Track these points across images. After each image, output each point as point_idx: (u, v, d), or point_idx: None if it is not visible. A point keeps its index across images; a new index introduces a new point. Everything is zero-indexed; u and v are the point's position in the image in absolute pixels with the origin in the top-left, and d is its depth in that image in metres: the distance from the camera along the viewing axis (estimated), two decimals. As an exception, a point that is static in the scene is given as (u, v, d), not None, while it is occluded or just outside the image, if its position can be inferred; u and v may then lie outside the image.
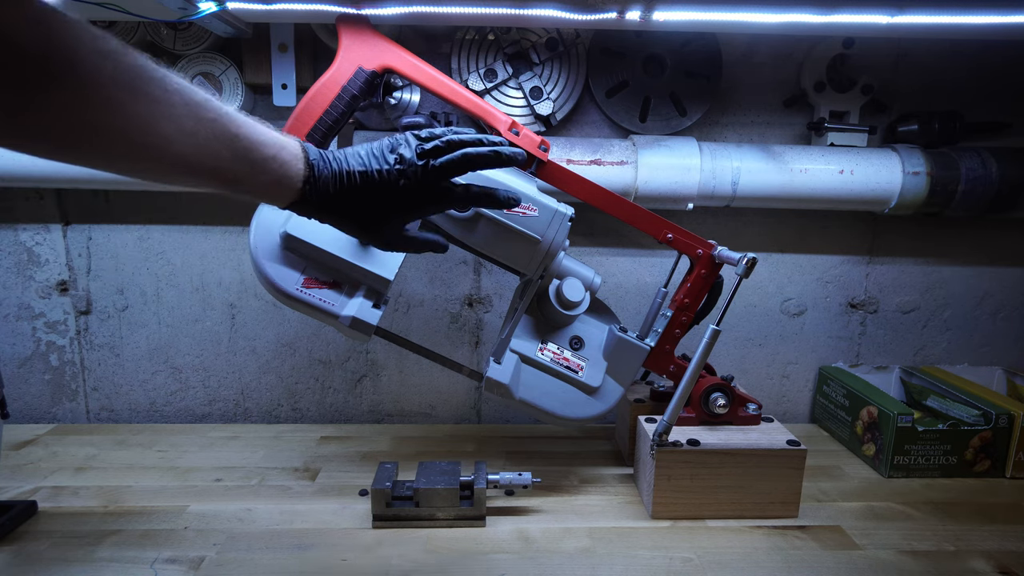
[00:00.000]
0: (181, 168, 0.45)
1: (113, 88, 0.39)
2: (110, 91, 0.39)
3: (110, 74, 0.39)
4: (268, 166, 0.50)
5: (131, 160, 0.44)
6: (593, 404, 0.78)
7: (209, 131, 0.46)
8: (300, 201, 0.54)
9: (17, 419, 1.02)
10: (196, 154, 0.45)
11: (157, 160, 0.44)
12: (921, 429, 0.86)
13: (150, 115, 0.42)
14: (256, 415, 1.06)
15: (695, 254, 0.79)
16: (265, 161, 0.50)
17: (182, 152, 0.44)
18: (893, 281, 1.06)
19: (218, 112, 0.46)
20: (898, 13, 0.74)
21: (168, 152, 0.44)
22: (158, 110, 0.42)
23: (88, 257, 0.99)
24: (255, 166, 0.49)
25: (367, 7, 0.75)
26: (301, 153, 0.53)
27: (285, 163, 0.51)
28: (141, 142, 0.42)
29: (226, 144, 0.47)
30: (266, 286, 0.69)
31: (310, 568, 0.65)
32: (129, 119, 0.41)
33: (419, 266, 1.02)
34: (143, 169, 0.46)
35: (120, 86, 0.40)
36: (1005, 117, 0.98)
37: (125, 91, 0.40)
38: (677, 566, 0.67)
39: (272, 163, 0.50)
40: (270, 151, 0.50)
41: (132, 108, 0.41)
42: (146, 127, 0.42)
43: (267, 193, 0.52)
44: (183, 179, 0.47)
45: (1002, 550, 0.71)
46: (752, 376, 1.08)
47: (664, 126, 0.96)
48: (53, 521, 0.73)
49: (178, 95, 0.43)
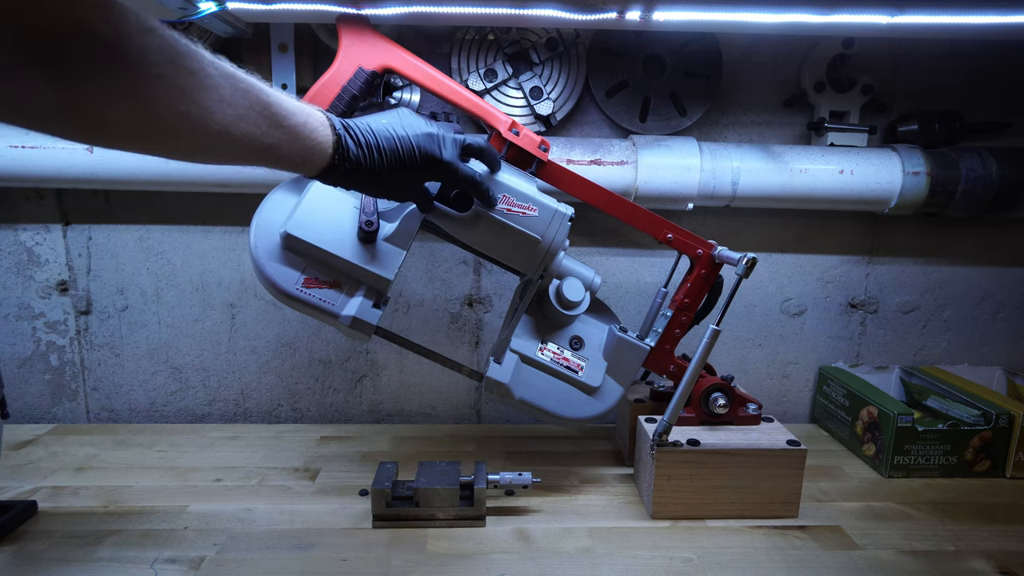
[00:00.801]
0: (223, 140, 0.46)
1: (160, 62, 0.40)
2: (159, 67, 0.40)
3: (156, 48, 0.40)
4: (300, 132, 0.51)
5: (178, 135, 0.44)
6: (593, 404, 0.78)
7: (245, 101, 0.46)
8: (329, 168, 0.55)
9: (17, 419, 1.02)
10: (236, 124, 0.46)
11: (200, 133, 0.44)
12: (921, 429, 0.86)
13: (191, 87, 0.42)
14: (256, 415, 1.06)
15: (695, 254, 0.79)
16: (297, 128, 0.50)
17: (223, 123, 0.45)
18: (893, 281, 1.06)
19: (249, 82, 0.47)
20: (898, 13, 0.74)
21: (210, 124, 0.44)
22: (197, 81, 0.43)
23: (88, 257, 0.99)
24: (289, 133, 0.50)
25: (367, 7, 0.75)
26: (327, 120, 0.54)
27: (315, 130, 0.52)
28: (186, 113, 0.42)
29: (261, 112, 0.47)
30: (266, 286, 0.69)
31: (310, 568, 0.65)
32: (175, 92, 0.41)
33: (419, 266, 1.02)
34: (186, 146, 0.46)
35: (165, 60, 0.40)
36: (1005, 117, 0.98)
37: (168, 65, 0.41)
38: (677, 566, 0.67)
39: (303, 129, 0.51)
40: (300, 118, 0.51)
41: (175, 80, 0.41)
42: (189, 99, 0.42)
43: (300, 162, 0.53)
44: (224, 153, 0.47)
45: (1002, 550, 0.71)
46: (752, 376, 1.08)
47: (664, 126, 0.96)
48: (53, 521, 0.73)
49: (213, 67, 0.44)
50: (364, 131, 0.56)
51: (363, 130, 0.56)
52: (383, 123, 0.58)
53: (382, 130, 0.57)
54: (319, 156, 0.53)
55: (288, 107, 0.50)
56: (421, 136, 0.58)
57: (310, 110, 0.52)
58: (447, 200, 0.70)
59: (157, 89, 0.40)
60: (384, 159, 0.56)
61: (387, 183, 0.59)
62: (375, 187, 0.59)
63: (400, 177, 0.59)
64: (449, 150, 0.60)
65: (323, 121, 0.53)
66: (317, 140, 0.52)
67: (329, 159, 0.54)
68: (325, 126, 0.53)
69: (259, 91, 0.48)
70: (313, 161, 0.53)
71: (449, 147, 0.61)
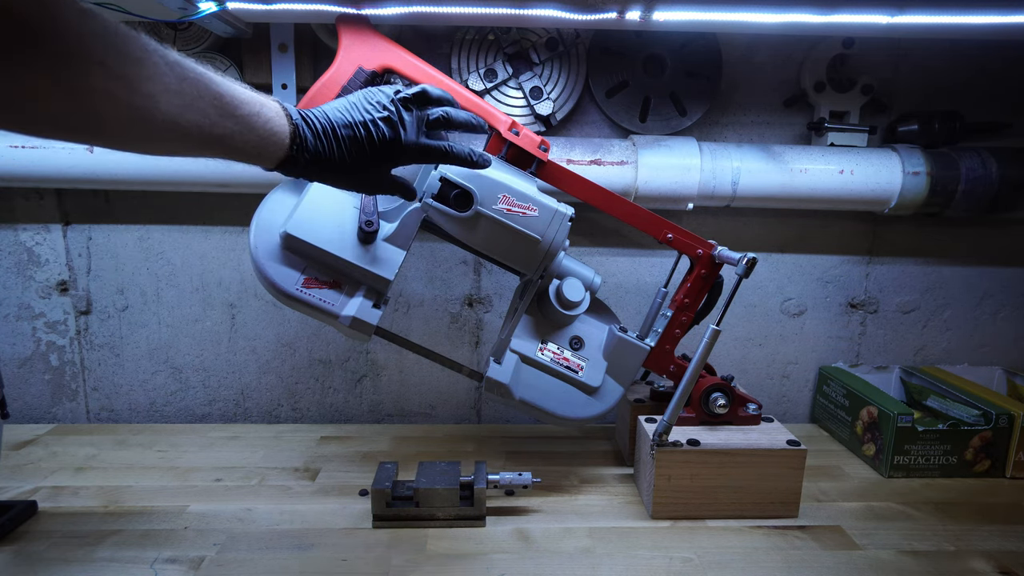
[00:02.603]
0: (172, 130, 0.44)
1: (102, 49, 0.38)
2: (101, 53, 0.38)
3: (97, 34, 0.38)
4: (254, 122, 0.49)
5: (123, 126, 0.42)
6: (593, 404, 0.78)
7: (193, 90, 0.44)
8: (288, 159, 0.53)
9: (17, 419, 1.02)
10: (184, 114, 0.44)
11: (146, 123, 0.42)
12: (921, 429, 0.86)
13: (136, 76, 0.40)
14: (256, 415, 1.06)
15: (695, 254, 0.79)
16: (250, 117, 0.49)
17: (170, 112, 0.43)
18: (893, 281, 1.06)
19: (196, 71, 0.45)
20: (898, 13, 0.74)
21: (157, 113, 0.42)
22: (143, 70, 0.41)
23: (88, 257, 0.99)
24: (241, 123, 0.48)
25: (367, 7, 0.75)
26: (283, 110, 0.52)
27: (270, 119, 0.50)
28: (130, 103, 0.41)
29: (210, 102, 0.46)
30: (266, 286, 0.69)
31: (310, 568, 0.65)
32: (119, 81, 0.39)
33: (419, 266, 1.02)
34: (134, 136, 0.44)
35: (107, 46, 0.39)
36: (1005, 117, 0.98)
37: (111, 52, 0.39)
38: (677, 566, 0.67)
39: (257, 119, 0.49)
40: (253, 107, 0.49)
41: (119, 68, 0.39)
42: (134, 88, 0.40)
43: (257, 152, 0.51)
44: (173, 143, 0.46)
45: (1002, 550, 0.71)
46: (752, 376, 1.08)
47: (664, 126, 0.96)
48: (53, 521, 0.73)
49: (157, 54, 0.42)
50: (321, 119, 0.54)
51: (320, 118, 0.54)
52: (341, 110, 0.56)
53: (339, 118, 0.55)
54: (276, 146, 0.51)
55: (240, 96, 0.48)
56: (380, 120, 0.56)
57: (264, 100, 0.51)
58: (447, 200, 0.70)
59: (99, 77, 0.38)
60: (344, 147, 0.54)
61: (351, 173, 0.56)
62: (340, 178, 0.57)
63: (364, 165, 0.56)
64: (410, 131, 0.58)
65: (278, 111, 0.52)
66: (272, 130, 0.50)
67: (287, 150, 0.52)
68: (281, 115, 0.52)
69: (208, 80, 0.46)
70: (270, 152, 0.51)
71: (410, 128, 0.57)
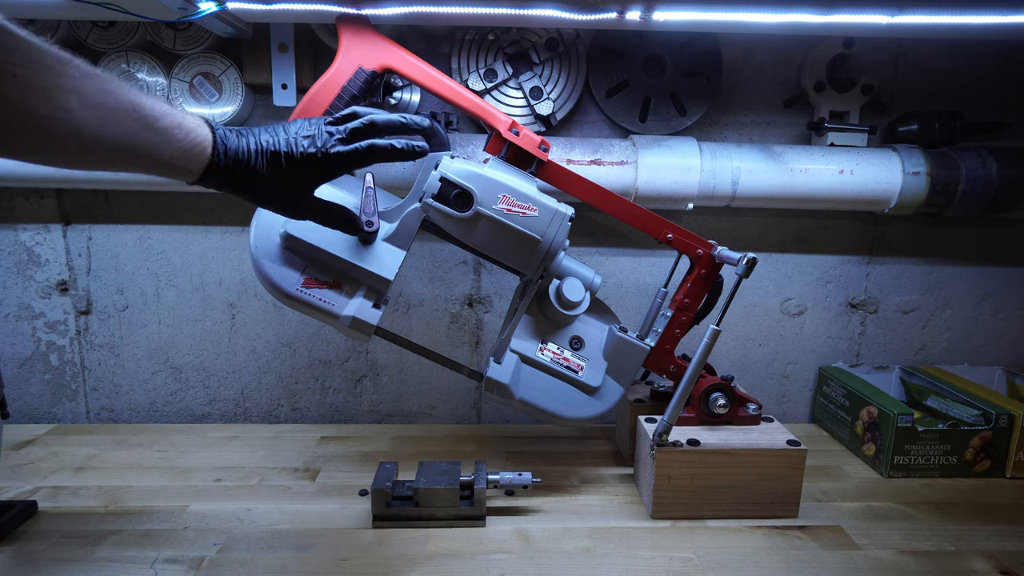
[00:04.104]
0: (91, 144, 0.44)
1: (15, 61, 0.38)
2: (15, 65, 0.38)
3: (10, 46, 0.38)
4: (175, 135, 0.49)
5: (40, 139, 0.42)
6: (593, 404, 0.78)
7: (111, 102, 0.44)
8: (208, 173, 0.53)
9: (17, 419, 1.02)
10: (103, 127, 0.44)
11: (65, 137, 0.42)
12: (921, 429, 0.86)
13: (52, 88, 0.40)
14: (256, 415, 1.06)
15: (695, 254, 0.79)
16: (171, 130, 0.49)
17: (89, 125, 0.43)
18: (893, 281, 1.06)
19: (114, 83, 0.45)
20: (898, 13, 0.74)
21: (75, 127, 0.42)
22: (60, 83, 0.40)
23: (88, 257, 0.99)
24: (161, 135, 0.48)
25: (367, 7, 0.75)
26: (203, 121, 0.53)
27: (191, 131, 0.50)
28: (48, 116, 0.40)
29: (130, 114, 0.46)
30: (266, 286, 0.69)
31: (310, 568, 0.65)
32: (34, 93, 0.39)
33: (419, 266, 1.02)
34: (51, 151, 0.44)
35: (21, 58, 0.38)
36: (1005, 117, 0.98)
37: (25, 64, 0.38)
38: (677, 566, 0.67)
39: (178, 132, 0.49)
40: (175, 120, 0.49)
41: (34, 81, 0.39)
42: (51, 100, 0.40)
43: (177, 166, 0.51)
44: (93, 157, 0.46)
45: (1002, 550, 0.71)
46: (752, 376, 1.08)
47: (664, 126, 0.96)
48: (53, 521, 0.73)
49: (73, 67, 0.42)
50: (243, 130, 0.55)
51: (242, 129, 0.55)
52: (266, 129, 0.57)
53: (260, 129, 0.56)
54: (198, 157, 0.51)
55: (160, 109, 0.48)
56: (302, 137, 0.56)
57: (183, 113, 0.51)
58: (447, 200, 0.70)
59: (12, 89, 0.38)
60: (264, 158, 0.54)
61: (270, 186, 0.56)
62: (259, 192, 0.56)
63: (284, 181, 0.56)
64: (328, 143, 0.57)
65: (199, 122, 0.52)
66: (194, 140, 0.51)
67: (210, 157, 0.52)
68: (202, 126, 0.52)
69: (126, 92, 0.46)
70: (193, 162, 0.51)
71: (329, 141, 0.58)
